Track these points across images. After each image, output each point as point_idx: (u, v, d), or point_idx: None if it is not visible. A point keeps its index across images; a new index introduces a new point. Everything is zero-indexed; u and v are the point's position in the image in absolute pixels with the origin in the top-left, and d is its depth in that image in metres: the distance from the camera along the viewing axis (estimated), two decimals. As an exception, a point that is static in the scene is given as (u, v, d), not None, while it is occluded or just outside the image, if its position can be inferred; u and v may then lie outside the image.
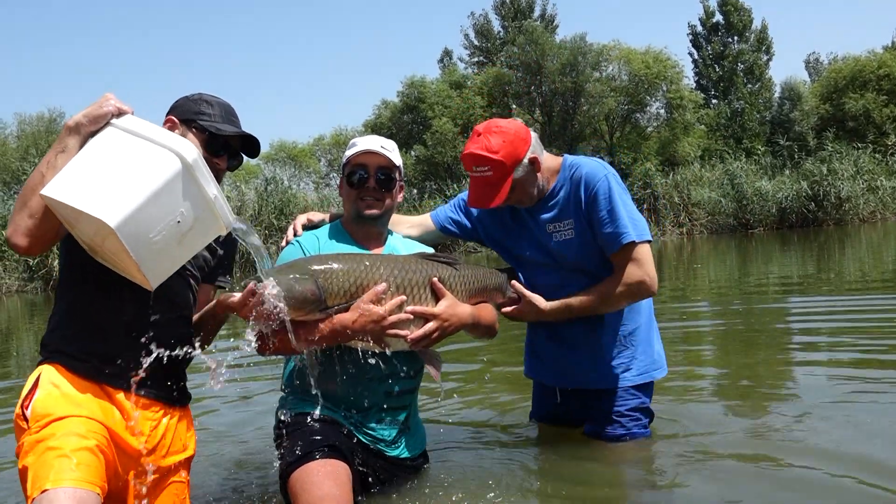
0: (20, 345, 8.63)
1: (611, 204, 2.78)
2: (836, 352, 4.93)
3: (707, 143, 34.37)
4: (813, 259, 13.23)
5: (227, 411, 4.26)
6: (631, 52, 33.87)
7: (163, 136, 2.02)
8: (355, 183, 2.64)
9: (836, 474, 2.57)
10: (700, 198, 25.52)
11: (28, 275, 18.99)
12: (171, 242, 2.00)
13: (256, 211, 21.64)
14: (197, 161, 2.00)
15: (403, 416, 2.65)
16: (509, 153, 2.76)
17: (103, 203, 1.88)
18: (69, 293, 2.23)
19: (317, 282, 2.33)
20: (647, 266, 2.78)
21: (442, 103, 33.18)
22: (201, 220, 2.04)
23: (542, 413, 3.31)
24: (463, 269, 2.69)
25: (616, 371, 2.95)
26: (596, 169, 2.85)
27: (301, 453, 2.38)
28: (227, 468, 3.16)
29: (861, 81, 34.29)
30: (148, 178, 1.93)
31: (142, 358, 2.17)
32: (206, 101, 2.35)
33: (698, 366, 4.87)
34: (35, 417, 2.01)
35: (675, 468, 2.74)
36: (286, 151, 42.69)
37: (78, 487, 1.86)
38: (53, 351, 2.17)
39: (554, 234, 2.91)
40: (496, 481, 2.70)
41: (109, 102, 2.07)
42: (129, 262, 1.96)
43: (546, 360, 3.10)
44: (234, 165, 2.42)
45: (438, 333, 2.51)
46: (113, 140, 2.03)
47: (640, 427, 2.98)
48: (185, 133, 2.29)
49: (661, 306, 7.97)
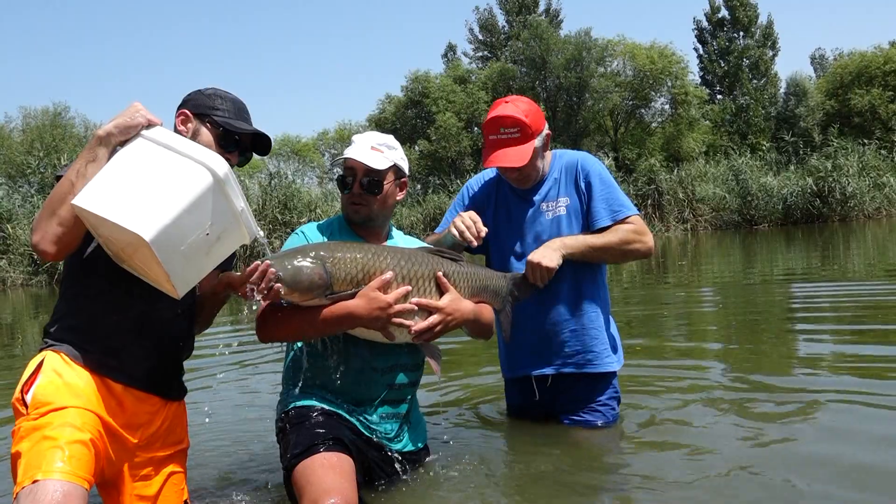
0: (25, 338, 8.67)
1: (607, 181, 3.09)
2: (839, 341, 4.93)
3: (712, 139, 34.29)
4: (818, 254, 13.21)
5: (229, 404, 4.27)
6: (636, 47, 33.78)
7: (194, 149, 2.05)
8: (343, 187, 2.67)
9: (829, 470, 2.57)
10: (704, 194, 25.48)
11: (33, 268, 19.07)
12: (200, 253, 2.04)
13: (261, 205, 21.66)
14: (227, 175, 2.03)
15: (405, 408, 2.66)
16: (535, 120, 3.01)
17: (138, 216, 1.90)
18: (76, 284, 2.25)
19: (325, 266, 2.35)
20: (648, 231, 3.12)
21: (446, 98, 33.14)
22: (228, 232, 2.09)
23: (517, 409, 3.35)
24: (467, 267, 2.70)
25: (599, 356, 3.12)
26: (585, 154, 3.22)
27: (305, 446, 2.38)
28: (230, 462, 3.16)
29: (867, 77, 34.17)
30: (181, 191, 1.97)
31: (142, 353, 2.20)
32: (220, 97, 2.37)
33: (699, 358, 4.87)
34: (35, 404, 2.04)
35: (674, 456, 2.75)
36: (290, 146, 42.75)
37: (66, 480, 1.90)
38: (57, 339, 2.19)
39: (547, 211, 3.10)
40: (498, 471, 2.71)
41: (140, 113, 2.09)
42: (159, 273, 1.99)
43: (528, 348, 3.13)
44: (244, 161, 2.44)
45: (441, 327, 2.52)
46: (145, 152, 2.06)
47: (614, 415, 3.19)
48: (199, 127, 2.32)
49: (665, 292, 8.02)
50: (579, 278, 3.08)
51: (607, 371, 3.14)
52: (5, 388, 5.04)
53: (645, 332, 6.05)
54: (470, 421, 3.57)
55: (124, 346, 2.19)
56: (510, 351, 3.22)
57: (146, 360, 2.23)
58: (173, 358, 2.35)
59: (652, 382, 4.09)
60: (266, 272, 2.23)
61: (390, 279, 2.42)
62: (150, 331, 2.24)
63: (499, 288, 2.86)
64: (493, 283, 2.84)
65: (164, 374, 2.31)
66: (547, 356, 3.11)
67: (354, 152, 2.61)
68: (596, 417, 3.13)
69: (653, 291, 9.14)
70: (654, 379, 4.18)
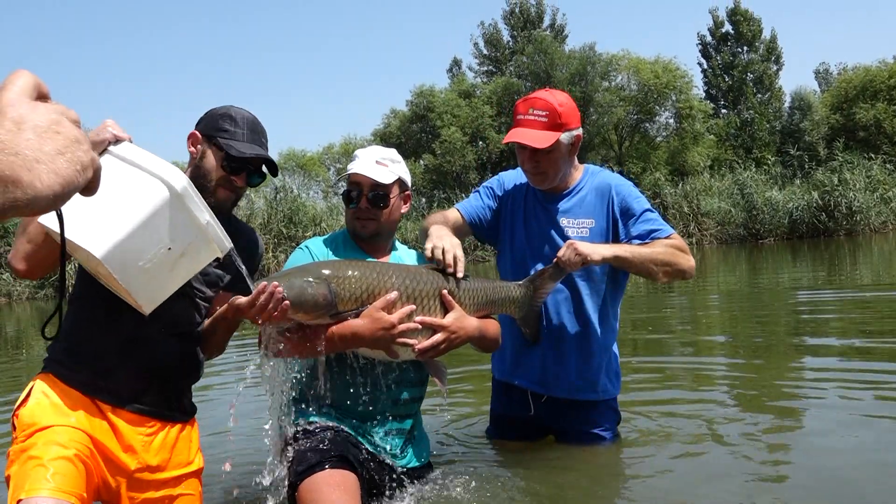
0: (30, 353, 8.67)
1: (644, 202, 2.99)
2: (845, 347, 4.90)
3: (716, 153, 34.31)
4: (824, 267, 13.17)
5: (233, 420, 4.24)
6: (640, 61, 33.91)
7: (153, 163, 1.99)
8: (348, 202, 2.66)
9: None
10: (709, 208, 25.45)
11: (38, 282, 19.13)
12: (163, 269, 1.99)
13: (266, 219, 21.73)
14: (186, 188, 1.97)
15: (409, 424, 2.65)
16: (568, 115, 2.90)
17: (91, 233, 1.87)
18: (74, 304, 2.25)
19: (329, 286, 2.34)
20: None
21: (451, 112, 33.28)
22: (194, 246, 2.03)
23: (504, 418, 3.23)
24: (473, 283, 2.68)
25: (601, 382, 3.04)
26: (618, 177, 3.08)
27: (310, 463, 2.37)
28: (234, 478, 3.14)
29: (872, 91, 34.19)
30: (135, 207, 1.92)
31: (134, 375, 2.17)
32: (230, 118, 2.33)
33: (706, 367, 4.84)
34: (21, 426, 2.03)
35: (683, 468, 2.73)
36: (295, 160, 42.88)
37: (51, 497, 1.87)
38: (51, 360, 2.18)
39: (568, 228, 2.97)
40: (500, 487, 2.68)
41: (107, 130, 2.04)
42: (119, 289, 1.98)
43: (530, 367, 3.05)
44: (256, 182, 2.40)
45: (446, 345, 2.51)
46: (107, 168, 2.02)
47: (614, 434, 3.14)
48: (206, 149, 2.30)
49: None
50: (592, 308, 2.97)
51: (609, 398, 3.10)
52: (5, 404, 5.03)
53: (650, 350, 6.02)
54: (472, 435, 3.54)
55: (114, 368, 2.16)
56: (511, 360, 3.11)
57: (137, 383, 2.19)
58: (170, 380, 2.28)
59: (655, 401, 4.06)
60: (274, 293, 2.20)
61: (394, 299, 2.41)
62: (141, 353, 2.20)
63: (513, 297, 2.81)
64: (504, 294, 2.80)
65: (159, 396, 2.24)
66: (549, 383, 3.03)
67: (359, 167, 2.61)
68: (596, 435, 3.08)
69: (657, 304, 9.12)
70: (658, 399, 4.16)
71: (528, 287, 2.85)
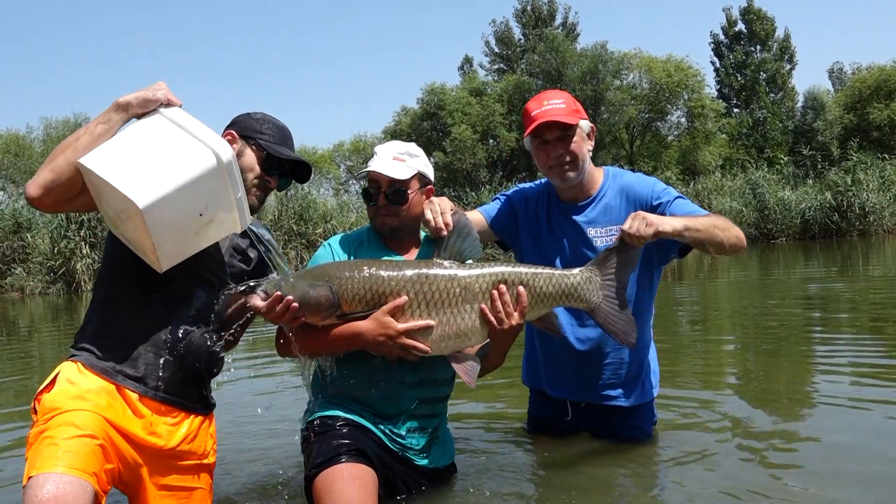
0: (42, 349, 8.70)
1: (673, 192, 2.91)
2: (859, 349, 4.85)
3: (728, 153, 34.15)
4: (837, 268, 13.06)
5: (252, 413, 4.25)
6: (652, 60, 33.77)
7: (204, 132, 2.09)
8: (368, 199, 2.65)
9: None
10: (721, 207, 25.30)
11: (51, 277, 19.23)
12: (189, 231, 2.10)
13: (276, 216, 21.76)
14: (231, 162, 2.08)
15: (434, 424, 2.61)
16: (582, 108, 2.96)
17: (136, 184, 1.95)
18: (101, 290, 2.29)
19: (331, 288, 2.33)
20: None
21: (462, 110, 33.24)
22: (221, 217, 2.13)
23: (542, 421, 3.21)
24: (524, 269, 2.45)
25: (636, 388, 2.99)
26: (639, 175, 3.04)
27: (327, 456, 2.36)
28: (251, 471, 3.14)
29: (886, 91, 33.94)
30: (183, 168, 2.01)
31: (161, 363, 2.20)
32: (267, 122, 2.47)
33: (718, 365, 4.80)
34: (42, 411, 2.06)
35: (710, 474, 2.70)
36: (306, 157, 42.66)
37: (63, 473, 1.88)
38: (78, 347, 2.20)
39: (596, 238, 2.91)
40: (525, 489, 2.65)
41: (161, 91, 2.15)
42: (146, 243, 2.04)
43: (563, 374, 3.02)
44: (283, 185, 2.51)
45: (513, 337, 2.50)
46: (157, 127, 2.11)
47: (647, 433, 3.09)
48: (244, 148, 2.39)
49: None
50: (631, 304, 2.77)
51: (648, 400, 3.06)
52: (22, 393, 5.06)
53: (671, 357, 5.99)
54: (496, 434, 3.51)
55: (140, 356, 2.18)
56: (545, 369, 3.08)
57: (163, 371, 2.21)
58: (195, 370, 2.31)
59: (686, 402, 4.02)
60: (286, 302, 2.24)
61: (402, 304, 2.35)
62: (168, 339, 2.23)
63: (577, 288, 2.49)
64: (568, 286, 2.49)
65: (183, 386, 2.27)
66: (586, 387, 2.99)
67: (377, 164, 2.59)
68: (629, 436, 3.03)
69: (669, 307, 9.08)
70: (689, 399, 4.12)
71: (593, 272, 2.53)
